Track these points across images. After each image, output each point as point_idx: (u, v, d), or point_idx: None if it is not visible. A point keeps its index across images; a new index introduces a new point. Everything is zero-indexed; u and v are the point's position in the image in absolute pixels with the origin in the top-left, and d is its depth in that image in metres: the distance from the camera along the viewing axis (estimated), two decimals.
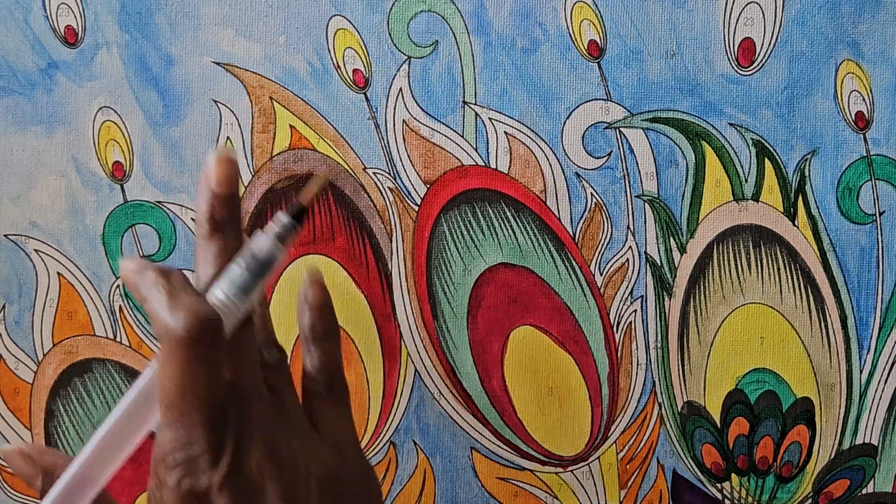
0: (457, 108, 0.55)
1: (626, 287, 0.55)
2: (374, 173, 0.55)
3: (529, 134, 0.55)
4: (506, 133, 0.55)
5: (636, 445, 0.56)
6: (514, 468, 0.56)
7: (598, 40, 0.54)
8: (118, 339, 0.57)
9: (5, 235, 0.57)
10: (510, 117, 0.55)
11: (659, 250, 0.55)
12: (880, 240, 0.54)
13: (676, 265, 0.55)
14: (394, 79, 0.55)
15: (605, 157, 0.55)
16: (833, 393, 0.55)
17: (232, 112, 0.56)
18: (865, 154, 0.54)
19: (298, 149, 0.56)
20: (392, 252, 0.56)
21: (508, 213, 0.55)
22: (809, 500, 0.55)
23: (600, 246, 0.55)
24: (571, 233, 0.55)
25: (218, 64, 0.56)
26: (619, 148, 0.55)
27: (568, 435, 0.56)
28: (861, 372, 0.55)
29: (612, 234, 0.55)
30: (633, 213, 0.55)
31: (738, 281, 0.55)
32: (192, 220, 0.56)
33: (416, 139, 0.55)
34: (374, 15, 0.55)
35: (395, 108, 0.55)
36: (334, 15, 0.55)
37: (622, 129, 0.55)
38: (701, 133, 0.55)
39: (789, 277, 0.55)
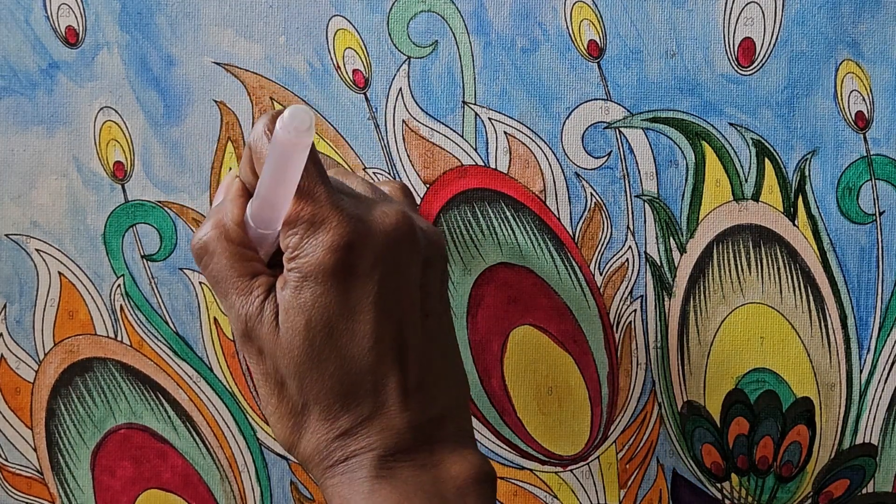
0: (456, 108, 0.55)
1: (626, 287, 0.55)
2: (373, 173, 0.56)
3: (529, 134, 0.55)
4: (505, 133, 0.55)
5: (636, 445, 0.56)
6: (513, 468, 0.56)
7: (598, 40, 0.55)
8: (119, 338, 0.57)
9: (6, 235, 0.57)
10: (510, 117, 0.55)
11: (659, 250, 0.55)
12: (880, 240, 0.54)
13: (676, 265, 0.55)
14: (393, 79, 0.55)
15: (605, 157, 0.55)
16: (833, 393, 0.55)
17: (232, 112, 0.56)
18: (865, 154, 0.54)
19: None
20: None
21: (508, 213, 0.55)
22: (809, 500, 0.55)
23: (600, 246, 0.55)
24: (571, 233, 0.55)
25: (218, 64, 0.56)
26: (618, 148, 0.55)
27: (567, 434, 0.56)
28: (861, 372, 0.55)
29: (611, 234, 0.55)
30: (632, 212, 0.55)
31: (738, 281, 0.55)
32: (194, 219, 0.56)
33: (416, 139, 0.55)
34: (374, 15, 0.55)
35: (394, 108, 0.55)
36: (334, 15, 0.55)
37: (622, 129, 0.55)
38: (701, 133, 0.55)
39: (789, 277, 0.55)
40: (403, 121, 0.55)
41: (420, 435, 0.44)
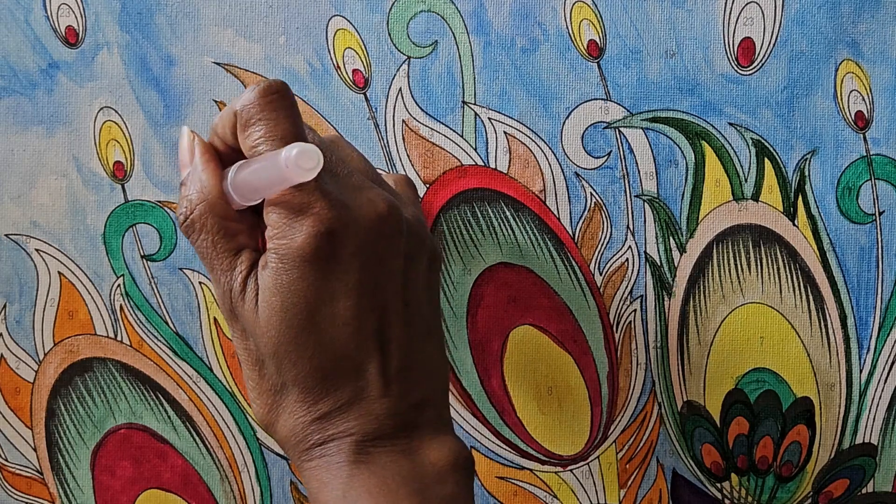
0: (456, 108, 0.55)
1: (626, 287, 0.55)
2: None
3: (529, 134, 0.55)
4: (505, 133, 0.55)
5: (636, 445, 0.56)
6: (513, 467, 0.56)
7: (598, 40, 0.55)
8: (119, 338, 0.57)
9: (6, 235, 0.57)
10: (510, 117, 0.55)
11: (658, 250, 0.55)
12: (880, 239, 0.54)
13: (676, 265, 0.55)
14: (393, 79, 0.55)
15: (605, 157, 0.55)
16: (833, 393, 0.55)
17: None
18: (865, 154, 0.54)
19: None
20: None
21: (508, 213, 0.55)
22: (809, 500, 0.56)
23: (600, 245, 0.55)
24: (571, 232, 0.55)
25: (218, 64, 0.56)
26: (618, 148, 0.55)
27: (567, 434, 0.56)
28: (861, 371, 0.55)
29: (611, 234, 0.55)
30: (632, 212, 0.55)
31: (738, 281, 0.55)
32: None
33: (416, 139, 0.55)
34: (374, 15, 0.55)
35: (394, 108, 0.55)
36: (334, 15, 0.55)
37: (622, 129, 0.55)
38: (701, 133, 0.55)
39: (789, 277, 0.55)
40: (403, 121, 0.55)
41: (400, 421, 0.45)
